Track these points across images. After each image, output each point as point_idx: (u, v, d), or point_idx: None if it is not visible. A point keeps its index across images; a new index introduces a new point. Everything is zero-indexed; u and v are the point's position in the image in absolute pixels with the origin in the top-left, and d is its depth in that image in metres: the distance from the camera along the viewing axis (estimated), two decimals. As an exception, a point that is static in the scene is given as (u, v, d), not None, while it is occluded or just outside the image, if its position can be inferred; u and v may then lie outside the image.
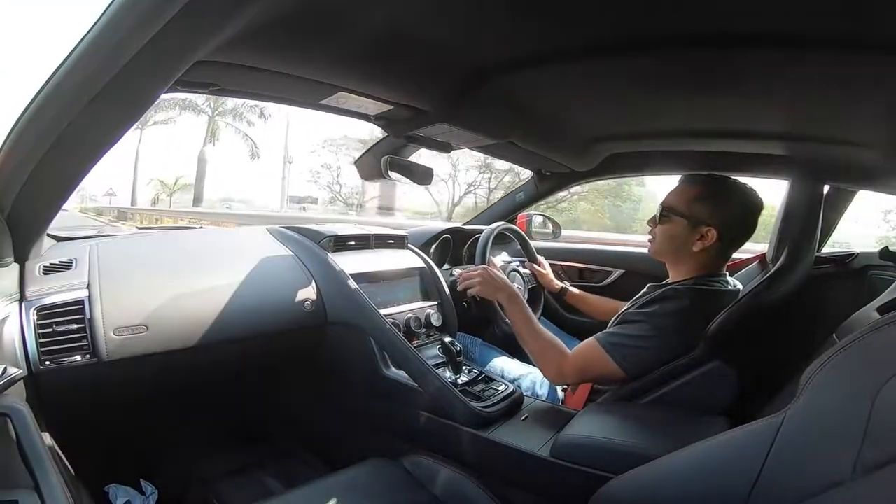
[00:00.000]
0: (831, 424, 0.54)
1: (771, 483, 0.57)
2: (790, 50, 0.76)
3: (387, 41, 0.86)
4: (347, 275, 1.27)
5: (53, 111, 0.69)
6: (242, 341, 1.13)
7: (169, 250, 1.21)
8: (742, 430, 0.64)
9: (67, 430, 0.93)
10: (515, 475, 1.00)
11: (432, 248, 1.75)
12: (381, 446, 1.16)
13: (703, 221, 1.09)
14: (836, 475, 0.50)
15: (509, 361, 1.42)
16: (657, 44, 0.83)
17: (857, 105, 0.97)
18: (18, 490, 0.59)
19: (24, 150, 0.76)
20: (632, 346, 1.06)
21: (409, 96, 1.10)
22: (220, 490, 1.30)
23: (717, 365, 1.02)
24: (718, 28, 0.77)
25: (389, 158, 1.38)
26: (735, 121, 1.23)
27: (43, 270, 0.98)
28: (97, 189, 23.85)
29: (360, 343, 1.23)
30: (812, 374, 0.57)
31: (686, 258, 1.14)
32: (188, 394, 1.38)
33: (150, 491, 1.22)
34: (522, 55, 0.94)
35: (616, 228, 15.13)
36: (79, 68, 0.64)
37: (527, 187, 2.02)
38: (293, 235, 1.40)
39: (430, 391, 1.12)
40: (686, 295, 1.07)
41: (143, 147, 21.97)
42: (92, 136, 0.76)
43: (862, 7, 0.65)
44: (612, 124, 1.40)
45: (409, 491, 0.94)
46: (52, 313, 0.91)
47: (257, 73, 0.91)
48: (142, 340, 0.97)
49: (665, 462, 0.71)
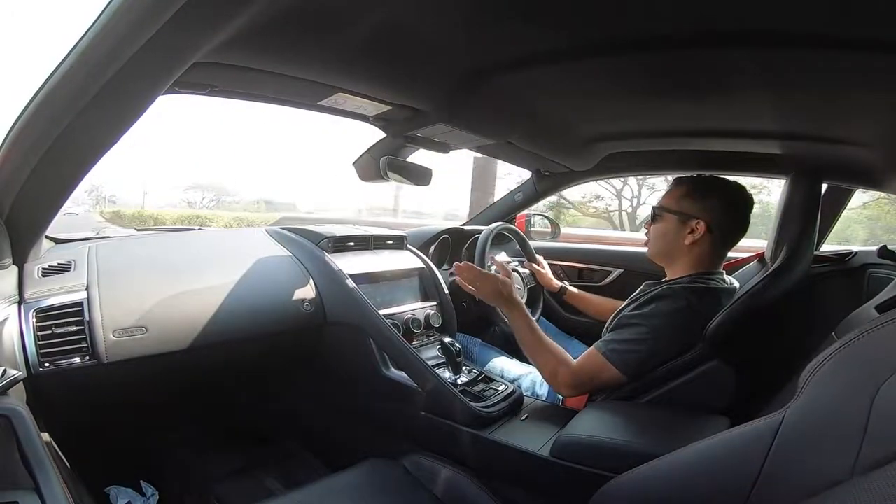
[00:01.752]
0: (831, 423, 0.54)
1: (771, 482, 0.57)
2: (789, 49, 0.77)
3: (385, 41, 0.86)
4: (346, 275, 1.27)
5: (51, 113, 0.69)
6: (242, 342, 1.13)
7: (168, 252, 1.21)
8: (742, 429, 0.64)
9: (67, 432, 0.93)
10: (516, 475, 1.00)
11: (431, 248, 1.75)
12: (380, 446, 1.16)
13: (692, 216, 1.13)
14: (836, 474, 0.50)
15: (509, 361, 1.42)
16: (656, 43, 0.83)
17: (855, 104, 0.98)
18: (19, 491, 0.59)
19: (22, 152, 0.76)
20: (632, 350, 1.06)
21: (408, 97, 1.10)
22: (221, 491, 1.30)
23: (717, 364, 1.02)
24: (717, 27, 0.77)
25: (388, 159, 1.38)
26: (734, 120, 1.24)
27: (42, 272, 0.98)
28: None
29: (360, 343, 1.23)
30: (811, 373, 0.57)
31: (680, 255, 1.16)
32: (188, 395, 1.38)
33: (151, 492, 1.22)
34: (520, 55, 0.94)
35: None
36: (76, 70, 0.63)
37: (525, 187, 2.02)
38: (292, 236, 1.39)
39: (430, 391, 1.12)
40: (682, 294, 1.07)
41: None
42: (90, 138, 0.76)
43: (859, 6, 0.65)
44: (611, 124, 1.40)
45: (410, 491, 0.94)
46: (51, 315, 0.91)
47: (255, 73, 0.91)
48: (141, 342, 0.96)
49: (665, 461, 0.71)
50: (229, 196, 27.71)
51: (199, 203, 25.91)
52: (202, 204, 25.90)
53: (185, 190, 27.07)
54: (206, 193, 26.95)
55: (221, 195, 27.10)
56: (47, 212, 0.91)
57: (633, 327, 1.09)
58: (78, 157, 0.79)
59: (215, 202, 26.35)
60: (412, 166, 1.46)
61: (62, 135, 0.71)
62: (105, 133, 0.76)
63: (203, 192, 26.94)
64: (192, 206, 25.00)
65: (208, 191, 27.08)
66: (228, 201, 26.93)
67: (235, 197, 28.19)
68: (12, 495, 0.58)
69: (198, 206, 24.99)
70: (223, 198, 27.02)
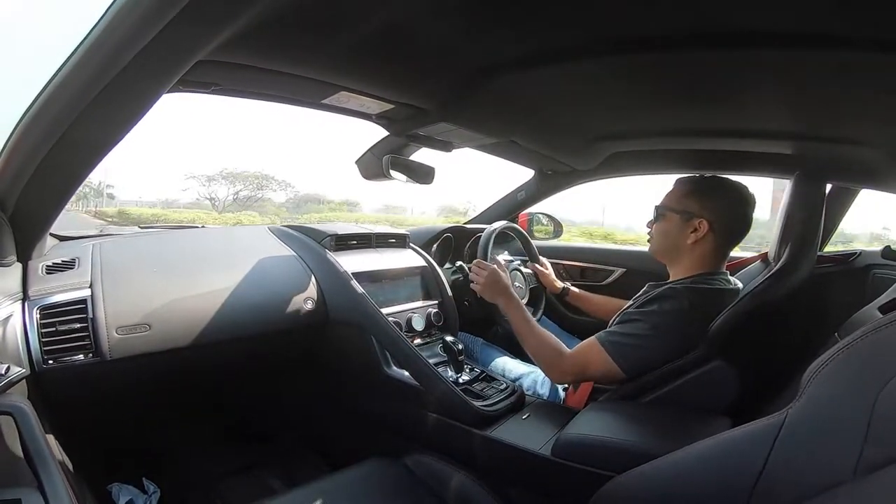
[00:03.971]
0: (833, 424, 0.54)
1: (773, 482, 0.57)
2: (793, 49, 0.76)
3: (389, 40, 0.85)
4: (349, 274, 1.27)
5: (56, 111, 0.69)
6: (244, 340, 1.13)
7: (171, 249, 1.21)
8: (744, 430, 0.64)
9: (70, 429, 0.93)
10: (517, 474, 1.00)
11: (434, 247, 1.75)
12: (382, 445, 1.16)
13: (694, 214, 1.13)
14: (838, 474, 0.50)
15: (510, 361, 1.42)
16: (659, 43, 0.83)
17: (860, 104, 0.97)
18: (22, 488, 0.60)
19: (27, 149, 0.76)
20: (631, 344, 1.07)
21: (411, 95, 1.10)
22: (223, 489, 1.31)
23: (719, 364, 1.02)
24: (721, 27, 0.77)
25: (391, 157, 1.38)
26: (738, 120, 1.23)
27: (46, 270, 0.98)
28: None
29: (362, 342, 1.23)
30: (814, 374, 0.57)
31: (682, 254, 1.17)
32: (191, 393, 1.39)
33: (153, 490, 1.23)
34: (524, 54, 0.94)
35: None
36: (81, 69, 0.64)
37: (528, 186, 2.01)
38: (295, 234, 1.40)
39: (432, 390, 1.12)
40: (685, 295, 1.07)
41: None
42: (94, 136, 0.76)
43: (865, 6, 0.65)
44: (614, 123, 1.40)
45: (411, 490, 0.94)
46: (55, 312, 0.91)
47: (259, 72, 0.91)
48: (144, 339, 0.97)
49: (667, 461, 0.71)
50: (278, 190, 20.90)
51: (226, 201, 19.86)
52: (229, 201, 19.67)
53: (208, 180, 19.77)
54: (238, 186, 19.80)
55: (257, 190, 20.30)
56: (52, 209, 0.92)
57: (634, 323, 1.09)
58: (82, 154, 0.79)
59: (247, 200, 19.90)
60: (415, 165, 1.46)
61: (66, 132, 0.71)
62: (109, 131, 0.76)
63: (235, 184, 20.03)
64: (214, 206, 19.66)
65: (242, 182, 19.85)
66: (278, 200, 20.56)
67: (288, 192, 20.91)
68: (15, 492, 0.58)
69: (222, 207, 19.39)
70: (258, 195, 20.33)
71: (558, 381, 1.23)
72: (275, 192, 21.01)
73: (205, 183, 19.89)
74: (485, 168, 5.42)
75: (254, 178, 20.23)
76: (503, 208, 2.09)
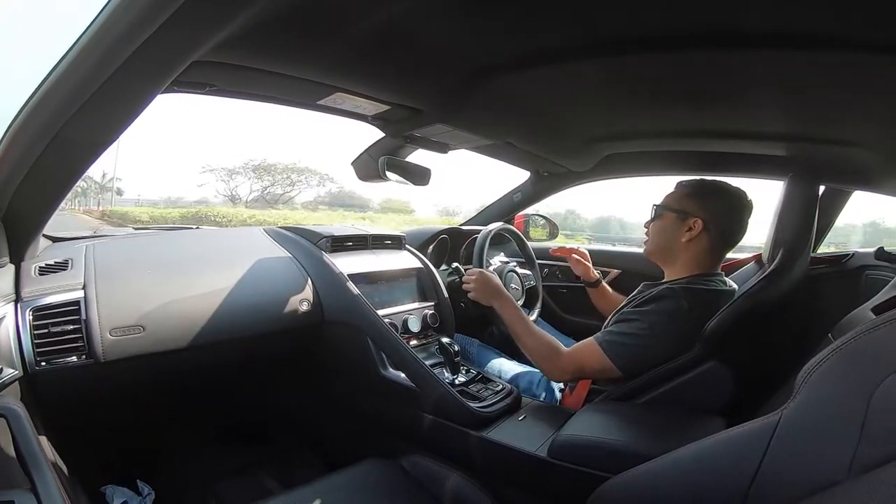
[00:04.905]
0: (828, 424, 0.54)
1: (768, 482, 0.57)
2: (787, 51, 0.77)
3: (384, 41, 0.86)
4: (345, 275, 1.26)
5: (50, 111, 0.69)
6: (239, 341, 1.12)
7: (165, 250, 1.20)
8: (739, 430, 0.64)
9: (64, 431, 0.92)
10: (513, 475, 1.00)
11: (430, 248, 1.75)
12: (378, 446, 1.16)
13: (690, 213, 1.15)
14: (833, 474, 0.50)
15: (507, 362, 1.42)
16: (654, 45, 0.83)
17: (853, 106, 0.98)
18: (15, 490, 0.59)
19: (20, 150, 0.75)
20: (628, 343, 1.07)
21: (407, 97, 1.10)
22: (219, 490, 1.30)
23: (714, 365, 1.02)
24: (715, 29, 0.77)
25: (387, 159, 1.38)
26: (732, 121, 1.24)
27: (39, 271, 0.97)
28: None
29: (358, 343, 1.23)
30: (808, 374, 0.57)
31: (677, 253, 1.18)
32: (185, 394, 1.38)
33: (147, 491, 1.22)
34: (520, 56, 0.94)
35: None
36: (75, 68, 0.63)
37: (524, 188, 2.02)
38: (290, 236, 1.39)
39: (428, 392, 1.12)
40: (681, 296, 1.08)
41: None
42: (88, 136, 0.75)
43: (858, 8, 0.66)
44: (610, 125, 1.41)
45: (407, 491, 0.94)
46: (48, 314, 0.90)
47: (255, 73, 0.91)
48: (138, 341, 0.96)
49: (662, 462, 0.71)
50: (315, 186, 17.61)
51: (249, 197, 17.21)
52: (254, 197, 16.84)
53: (229, 174, 17.33)
54: (266, 181, 17.03)
55: (288, 188, 17.20)
56: (45, 210, 0.91)
57: (630, 322, 1.10)
58: (76, 155, 0.79)
59: (275, 199, 17.05)
60: (411, 166, 1.46)
61: (60, 133, 0.71)
62: (103, 131, 0.76)
63: (262, 178, 17.25)
64: (234, 203, 17.23)
65: (272, 175, 17.05)
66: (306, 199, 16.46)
67: (328, 187, 17.72)
68: (8, 494, 0.58)
69: (244, 203, 16.84)
70: (289, 193, 17.39)
71: (556, 379, 1.23)
72: (310, 187, 18.46)
73: (224, 178, 17.53)
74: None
75: (286, 171, 17.61)
76: (499, 210, 2.09)
